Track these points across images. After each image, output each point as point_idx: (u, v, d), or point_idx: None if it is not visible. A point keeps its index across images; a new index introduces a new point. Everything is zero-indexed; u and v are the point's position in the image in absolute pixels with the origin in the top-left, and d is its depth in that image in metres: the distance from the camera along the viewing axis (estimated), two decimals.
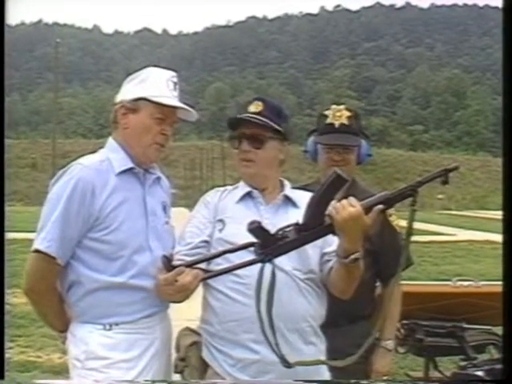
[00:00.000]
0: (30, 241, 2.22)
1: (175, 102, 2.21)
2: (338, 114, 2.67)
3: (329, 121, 2.67)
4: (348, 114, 2.68)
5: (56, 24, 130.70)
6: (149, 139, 2.20)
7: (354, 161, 2.69)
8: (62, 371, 5.22)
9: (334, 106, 2.74)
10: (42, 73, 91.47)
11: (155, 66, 2.32)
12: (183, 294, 2.01)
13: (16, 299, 8.10)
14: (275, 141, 2.23)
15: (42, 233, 2.12)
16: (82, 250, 2.15)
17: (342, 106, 2.73)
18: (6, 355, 5.59)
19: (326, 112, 2.71)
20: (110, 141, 2.27)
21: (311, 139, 2.77)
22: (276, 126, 2.21)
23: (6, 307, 7.73)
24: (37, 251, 2.12)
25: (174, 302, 2.15)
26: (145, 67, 2.30)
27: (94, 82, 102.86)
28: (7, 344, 5.89)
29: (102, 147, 2.30)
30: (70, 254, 2.14)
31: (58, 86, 48.66)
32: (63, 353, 5.68)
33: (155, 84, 2.20)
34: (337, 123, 2.65)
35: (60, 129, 54.35)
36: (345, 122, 2.65)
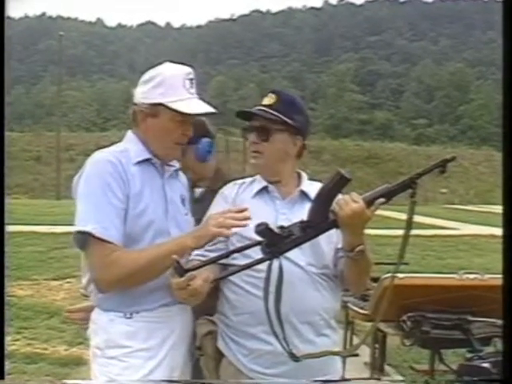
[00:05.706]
0: (36, 233, 2.20)
1: (194, 109, 2.16)
2: None
3: None
4: None
5: (59, 17, 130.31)
6: (171, 140, 2.20)
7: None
8: (69, 363, 5.25)
9: None
10: (45, 66, 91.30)
11: (170, 61, 2.25)
12: (195, 298, 2.02)
13: (22, 291, 8.15)
14: (284, 134, 2.24)
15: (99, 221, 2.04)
16: None
17: None
18: (13, 347, 5.65)
19: None
20: (129, 134, 2.27)
21: None
22: (286, 119, 2.22)
23: (12, 299, 7.73)
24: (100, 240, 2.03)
25: (188, 304, 2.16)
26: (152, 62, 2.26)
27: (97, 75, 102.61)
28: (13, 336, 5.92)
29: (105, 140, 2.28)
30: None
31: (61, 79, 48.63)
32: (69, 345, 5.72)
33: (172, 87, 2.15)
34: None
35: (64, 122, 54.28)
36: None
